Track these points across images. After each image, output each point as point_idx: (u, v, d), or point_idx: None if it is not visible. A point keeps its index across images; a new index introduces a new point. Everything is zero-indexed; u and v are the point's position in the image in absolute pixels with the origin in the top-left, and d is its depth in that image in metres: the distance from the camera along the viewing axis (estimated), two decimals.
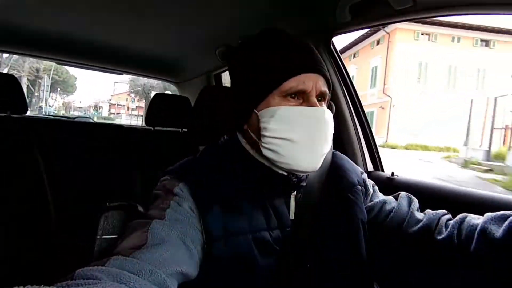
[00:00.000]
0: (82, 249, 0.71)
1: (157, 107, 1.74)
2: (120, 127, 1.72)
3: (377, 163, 1.10)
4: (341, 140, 1.08)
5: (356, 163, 1.06)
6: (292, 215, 0.59)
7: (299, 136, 0.54)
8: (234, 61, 0.63)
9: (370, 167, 1.10)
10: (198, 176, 0.55)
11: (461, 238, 0.59)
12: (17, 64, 19.36)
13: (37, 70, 22.19)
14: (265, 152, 0.55)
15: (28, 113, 1.59)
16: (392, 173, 1.00)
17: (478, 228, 0.57)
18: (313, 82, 0.56)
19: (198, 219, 0.51)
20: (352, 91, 1.10)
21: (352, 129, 1.07)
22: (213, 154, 0.62)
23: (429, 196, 0.88)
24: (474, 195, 0.79)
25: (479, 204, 0.77)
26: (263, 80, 0.55)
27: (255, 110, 0.57)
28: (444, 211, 0.68)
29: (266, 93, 0.55)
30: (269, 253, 0.53)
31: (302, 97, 0.56)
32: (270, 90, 0.55)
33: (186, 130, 1.66)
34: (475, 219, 0.60)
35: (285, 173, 0.58)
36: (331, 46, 1.07)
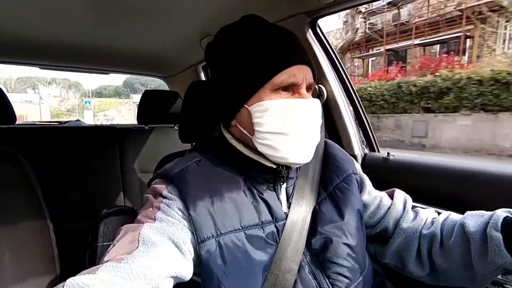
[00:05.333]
0: (83, 257, 0.71)
1: (148, 104, 1.71)
2: (112, 128, 1.70)
3: (373, 144, 1.09)
4: (334, 125, 1.08)
5: (352, 147, 1.06)
6: (284, 208, 0.59)
7: (293, 129, 0.54)
8: (216, 55, 0.60)
9: (366, 150, 1.09)
10: (185, 177, 0.54)
11: (443, 232, 0.61)
12: None
13: None
14: (261, 148, 0.55)
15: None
16: (388, 153, 1.00)
17: (458, 222, 0.60)
18: (303, 74, 0.55)
19: (188, 219, 0.51)
20: (342, 73, 1.08)
21: (345, 112, 1.06)
22: (201, 152, 0.61)
23: (426, 174, 0.88)
24: (472, 169, 0.79)
25: (477, 179, 0.77)
26: (253, 75, 0.54)
27: (245, 105, 0.55)
28: (433, 209, 0.71)
29: (257, 88, 0.54)
30: (264, 249, 0.53)
31: (292, 90, 0.56)
32: (262, 85, 0.54)
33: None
34: (457, 216, 0.63)
35: (273, 166, 0.57)
36: (317, 29, 1.04)
